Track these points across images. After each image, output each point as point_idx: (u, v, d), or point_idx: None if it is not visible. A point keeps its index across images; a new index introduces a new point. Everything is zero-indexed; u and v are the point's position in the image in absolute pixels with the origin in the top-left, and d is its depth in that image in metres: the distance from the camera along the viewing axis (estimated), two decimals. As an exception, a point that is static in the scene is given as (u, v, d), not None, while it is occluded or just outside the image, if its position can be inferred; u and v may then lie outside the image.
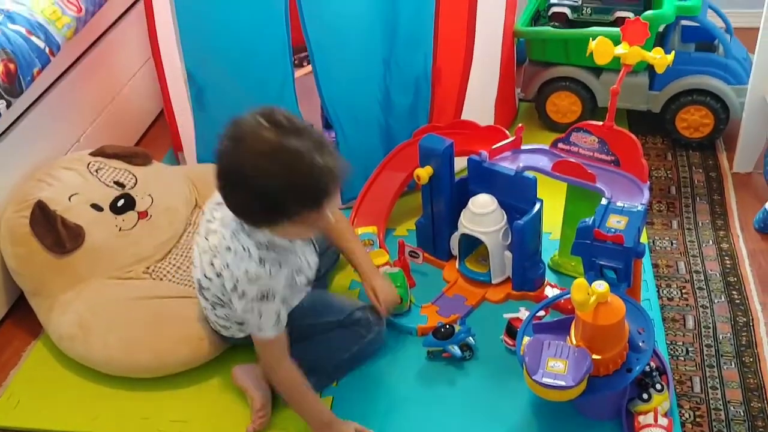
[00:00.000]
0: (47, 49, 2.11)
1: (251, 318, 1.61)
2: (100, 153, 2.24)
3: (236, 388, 1.83)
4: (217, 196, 1.66)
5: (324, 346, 1.79)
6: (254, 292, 1.58)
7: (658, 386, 1.68)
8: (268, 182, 1.45)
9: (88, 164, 2.19)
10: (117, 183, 2.17)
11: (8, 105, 1.97)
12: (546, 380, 1.52)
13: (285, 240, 1.63)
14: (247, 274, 1.58)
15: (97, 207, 2.09)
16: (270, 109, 1.49)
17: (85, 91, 2.48)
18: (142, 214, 2.14)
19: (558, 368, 1.53)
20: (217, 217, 1.67)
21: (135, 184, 2.19)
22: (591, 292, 1.51)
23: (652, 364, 1.72)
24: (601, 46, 1.89)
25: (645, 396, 1.67)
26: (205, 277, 1.71)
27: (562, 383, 1.51)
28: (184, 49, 2.35)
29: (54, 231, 1.99)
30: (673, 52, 1.88)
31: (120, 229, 2.09)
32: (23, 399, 1.88)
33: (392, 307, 1.91)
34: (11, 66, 1.97)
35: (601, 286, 1.53)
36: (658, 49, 1.88)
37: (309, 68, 2.93)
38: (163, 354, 1.85)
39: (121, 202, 2.12)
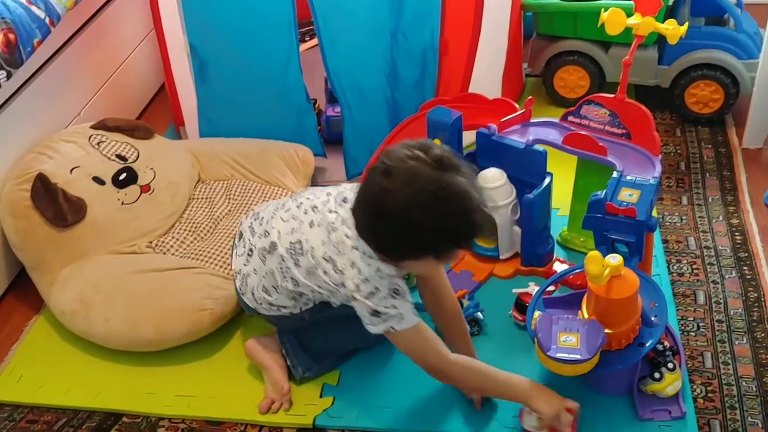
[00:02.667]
0: (47, 20, 2.08)
1: (390, 312, 1.52)
2: (101, 126, 2.21)
3: (244, 361, 1.81)
4: (344, 192, 1.62)
5: (339, 334, 1.74)
6: (386, 286, 1.51)
7: (671, 365, 1.65)
8: (429, 222, 1.41)
9: (90, 137, 2.16)
10: (119, 156, 2.14)
11: (8, 76, 1.93)
12: (560, 355, 1.50)
13: (392, 267, 1.54)
14: (378, 272, 1.51)
15: (98, 180, 2.06)
16: (427, 144, 1.45)
17: (86, 63, 2.45)
18: (145, 188, 2.11)
19: (571, 342, 1.51)
20: (340, 213, 1.58)
21: (137, 157, 2.16)
22: (605, 265, 1.49)
23: (665, 343, 1.70)
24: (614, 17, 1.85)
25: (657, 375, 1.65)
26: (293, 254, 1.62)
27: (577, 356, 1.49)
28: (187, 21, 2.31)
29: (55, 204, 1.96)
30: (686, 24, 1.85)
31: (122, 203, 2.06)
32: (25, 374, 1.86)
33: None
34: (11, 36, 1.93)
35: (614, 259, 1.51)
36: (672, 20, 1.85)
37: (311, 43, 2.92)
38: (165, 327, 1.83)
39: (123, 176, 2.10)
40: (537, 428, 1.62)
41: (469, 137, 2.03)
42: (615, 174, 1.78)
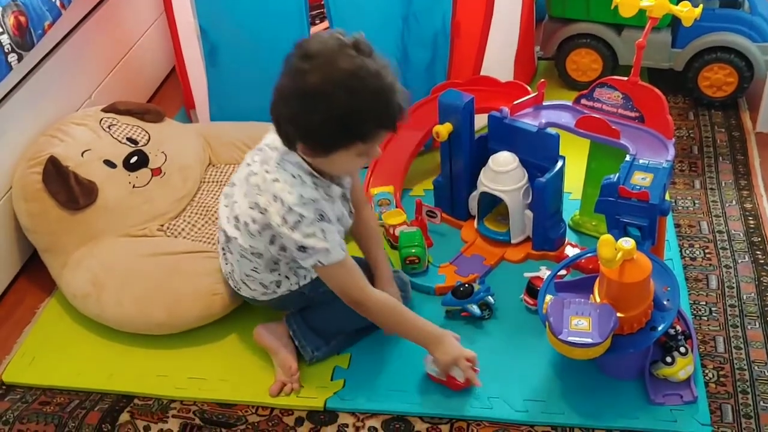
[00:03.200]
0: (58, 2, 2.08)
1: (316, 242, 1.55)
2: (112, 109, 2.21)
3: (256, 345, 1.82)
4: (259, 145, 1.67)
5: (347, 311, 1.75)
6: (312, 213, 1.55)
7: (683, 349, 1.65)
8: (353, 102, 1.44)
9: (101, 120, 2.16)
10: (130, 139, 2.14)
11: (20, 59, 1.93)
12: (572, 339, 1.49)
13: (322, 182, 1.60)
14: (301, 198, 1.54)
15: (110, 163, 2.07)
16: (340, 30, 1.50)
17: (96, 47, 2.44)
18: (156, 171, 2.11)
19: (582, 326, 1.51)
20: (257, 160, 1.64)
21: (148, 141, 2.16)
22: (617, 249, 1.48)
23: (678, 327, 1.69)
24: (627, -1, 1.84)
25: (669, 359, 1.64)
26: (237, 226, 1.66)
27: (589, 340, 1.48)
28: (197, 5, 2.31)
29: (67, 187, 1.96)
30: (700, 6, 1.83)
31: (133, 186, 2.06)
32: (38, 356, 1.87)
33: None
34: (22, 19, 1.93)
35: (627, 242, 1.50)
36: (686, 2, 1.83)
37: (322, 26, 2.90)
38: (177, 310, 1.83)
39: (134, 159, 2.10)
40: (437, 373, 1.69)
41: (481, 120, 2.03)
42: (628, 157, 1.77)
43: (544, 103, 2.00)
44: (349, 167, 1.64)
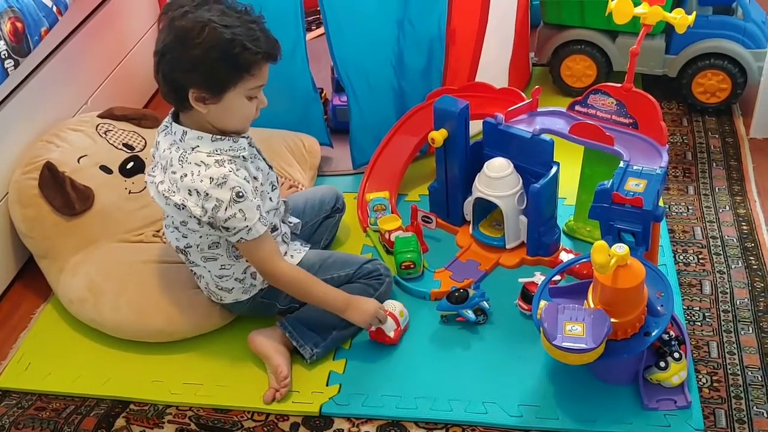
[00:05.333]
0: (55, 8, 2.08)
1: (236, 222, 1.60)
2: (108, 115, 2.22)
3: (251, 351, 1.82)
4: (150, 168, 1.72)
5: None
6: (227, 194, 1.57)
7: (676, 355, 1.66)
8: (227, 30, 1.51)
9: (97, 126, 2.16)
10: (126, 145, 2.14)
11: (16, 65, 1.94)
12: (566, 344, 1.50)
13: (228, 142, 1.63)
14: (212, 180, 1.57)
15: (106, 169, 2.07)
16: None
17: (93, 52, 2.45)
18: (152, 177, 2.12)
19: (576, 331, 1.52)
20: (156, 173, 1.68)
21: (144, 146, 2.17)
22: (611, 255, 1.49)
23: (671, 332, 1.70)
24: (621, 6, 1.85)
25: (662, 364, 1.65)
26: (177, 233, 1.72)
27: (583, 345, 1.49)
28: (193, 9, 2.30)
29: (63, 193, 1.97)
30: (694, 13, 1.84)
31: (129, 192, 2.07)
32: (34, 362, 1.87)
33: None
34: (19, 25, 1.94)
35: (621, 248, 1.51)
36: (679, 9, 1.84)
37: (318, 31, 2.91)
38: (175, 319, 1.84)
39: (130, 165, 2.10)
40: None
41: (475, 126, 2.03)
42: (622, 164, 1.78)
43: (538, 110, 2.00)
44: (244, 112, 1.66)
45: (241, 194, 1.58)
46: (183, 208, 1.61)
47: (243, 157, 1.64)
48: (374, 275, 1.85)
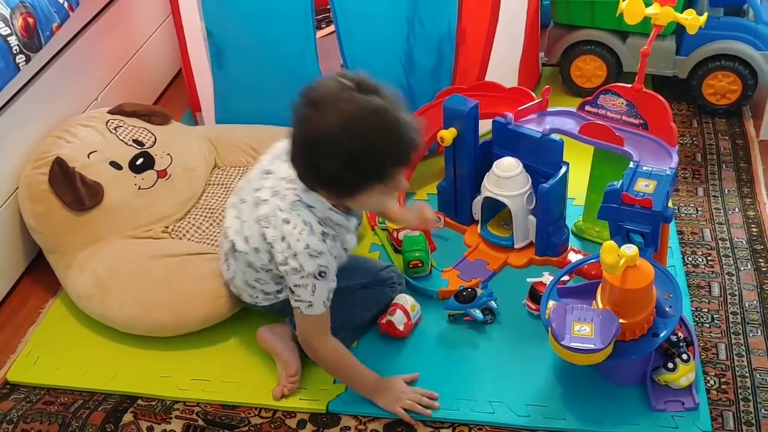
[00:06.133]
0: (66, 4, 2.09)
1: (303, 293, 1.57)
2: (118, 111, 2.22)
3: (259, 346, 1.82)
4: (264, 164, 1.66)
5: (348, 307, 1.76)
6: (313, 267, 1.54)
7: (684, 356, 1.65)
8: (363, 144, 1.42)
9: (107, 122, 2.17)
10: (136, 141, 2.15)
11: (27, 60, 1.94)
12: (574, 344, 1.50)
13: (341, 216, 1.59)
14: (308, 249, 1.53)
15: (116, 165, 2.07)
16: (343, 71, 1.48)
17: (104, 48, 2.45)
18: (162, 174, 2.12)
19: (584, 332, 1.52)
20: (267, 186, 1.62)
21: (154, 143, 2.17)
22: (620, 255, 1.49)
23: (680, 334, 1.70)
24: (632, 6, 1.85)
25: (670, 365, 1.65)
26: (247, 243, 1.67)
27: (591, 346, 1.49)
28: (204, 7, 2.31)
29: (73, 188, 1.97)
30: (705, 14, 1.84)
31: (139, 188, 2.07)
32: (42, 356, 1.88)
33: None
34: (30, 20, 1.94)
35: (630, 249, 1.51)
36: (691, 10, 1.84)
37: (328, 30, 2.92)
38: (181, 312, 1.84)
39: (140, 161, 2.11)
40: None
41: (485, 126, 2.03)
42: (631, 164, 1.78)
43: (548, 110, 2.00)
44: (377, 205, 1.66)
45: (323, 273, 1.56)
46: (267, 244, 1.59)
47: (344, 228, 1.63)
48: (388, 283, 1.85)
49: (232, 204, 1.75)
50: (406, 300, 1.83)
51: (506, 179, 1.93)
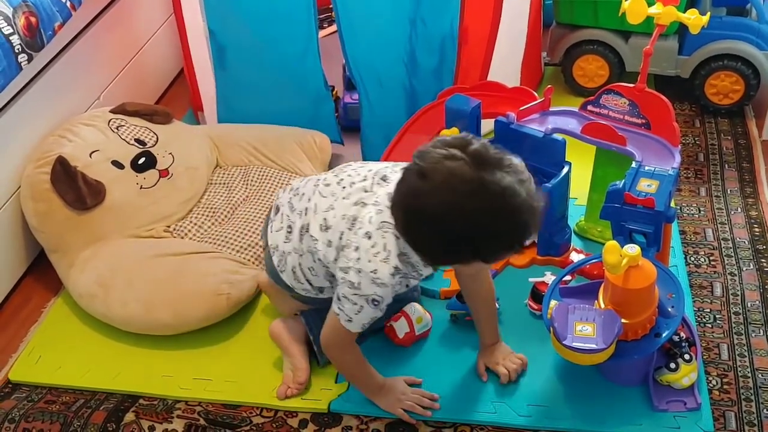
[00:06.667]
0: (68, 3, 2.09)
1: (348, 308, 1.49)
2: (120, 110, 2.22)
3: (261, 345, 1.82)
4: (384, 170, 1.56)
5: None
6: (370, 292, 1.47)
7: (687, 356, 1.65)
8: (469, 227, 1.31)
9: (109, 121, 2.17)
10: (138, 141, 2.15)
11: (29, 59, 1.94)
12: (576, 344, 1.50)
13: (421, 262, 1.48)
14: (374, 274, 1.45)
15: (118, 164, 2.08)
16: (464, 140, 1.34)
17: (105, 48, 2.45)
18: (163, 173, 2.12)
19: (586, 332, 1.51)
20: (378, 194, 1.51)
21: (156, 142, 2.17)
22: (623, 255, 1.49)
23: (682, 334, 1.70)
24: (635, 6, 1.85)
25: (673, 365, 1.64)
26: (324, 231, 1.56)
27: (593, 346, 1.49)
28: (206, 6, 2.31)
29: (75, 187, 1.97)
30: (708, 14, 1.84)
31: (141, 187, 2.07)
32: (44, 355, 1.88)
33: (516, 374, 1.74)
34: (33, 19, 1.94)
35: (632, 249, 1.51)
36: (693, 10, 1.84)
37: (330, 29, 2.92)
38: (182, 311, 1.84)
39: (142, 160, 2.11)
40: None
41: (487, 125, 2.03)
42: (634, 164, 1.78)
43: (550, 109, 2.00)
44: (465, 272, 1.61)
45: (376, 302, 1.48)
46: (339, 249, 1.52)
47: (418, 274, 1.54)
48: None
49: (326, 181, 1.63)
50: (414, 310, 1.81)
51: (508, 179, 1.92)
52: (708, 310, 1.87)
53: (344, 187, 1.59)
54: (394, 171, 1.54)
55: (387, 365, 1.77)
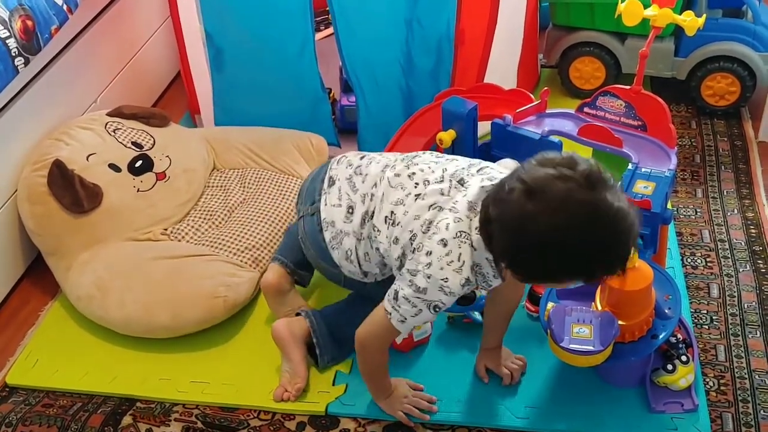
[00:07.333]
0: (65, 7, 2.08)
1: (405, 309, 1.46)
2: (117, 113, 2.22)
3: (258, 348, 1.83)
4: (461, 172, 1.51)
5: (361, 318, 1.76)
6: (434, 298, 1.44)
7: (684, 358, 1.65)
8: (584, 249, 1.26)
9: (106, 124, 2.17)
10: (135, 144, 2.15)
11: (26, 62, 1.94)
12: (573, 346, 1.50)
13: (492, 271, 1.45)
14: (444, 282, 1.42)
15: (115, 167, 2.08)
16: (572, 159, 1.28)
17: (102, 51, 2.45)
18: (160, 176, 2.12)
19: (584, 333, 1.52)
20: (456, 199, 1.46)
21: (153, 145, 2.17)
22: (619, 257, 1.49)
23: (679, 336, 1.70)
24: (631, 8, 1.85)
25: (670, 367, 1.65)
26: (390, 226, 1.53)
27: (590, 348, 1.49)
28: (203, 9, 2.32)
29: (72, 190, 1.97)
30: (704, 15, 1.84)
31: (138, 190, 2.07)
32: (41, 358, 1.88)
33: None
34: (29, 23, 1.94)
35: (629, 251, 1.50)
36: (689, 12, 1.85)
37: (327, 32, 2.92)
38: (180, 313, 1.84)
39: (139, 163, 2.11)
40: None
41: (484, 128, 2.03)
42: (630, 166, 1.78)
43: (547, 111, 2.00)
44: (550, 286, 1.60)
45: (437, 308, 1.45)
46: (411, 251, 1.47)
47: (487, 284, 1.50)
48: None
49: (396, 171, 1.58)
50: None
51: (505, 181, 1.92)
52: (705, 312, 1.87)
53: (417, 184, 1.54)
54: (470, 174, 1.50)
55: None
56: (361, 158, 1.70)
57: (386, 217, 1.55)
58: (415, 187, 1.54)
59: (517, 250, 1.31)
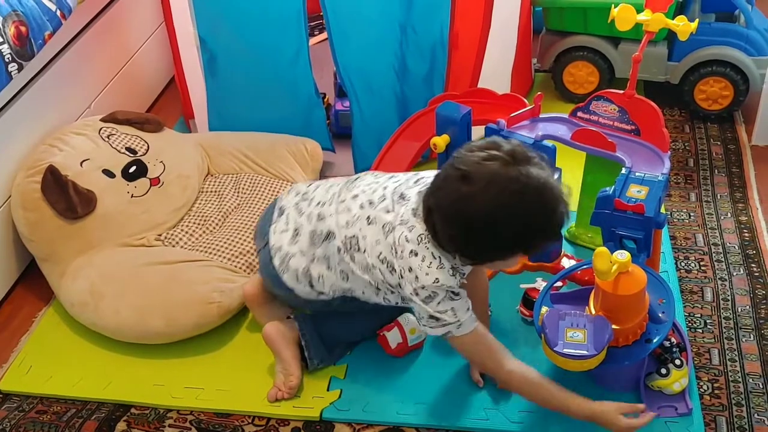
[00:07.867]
0: (59, 12, 2.08)
1: (447, 317, 1.52)
2: (111, 119, 2.22)
3: (252, 354, 1.82)
4: (400, 188, 1.58)
5: (348, 323, 1.76)
6: (444, 293, 1.51)
7: (678, 362, 1.66)
8: (519, 221, 1.39)
9: (100, 130, 2.17)
10: (129, 149, 2.15)
11: (20, 68, 1.94)
12: (567, 351, 1.50)
13: (464, 268, 1.54)
14: (437, 282, 1.49)
15: (108, 173, 2.07)
16: (495, 141, 1.42)
17: (96, 56, 2.45)
18: (154, 181, 2.12)
19: (577, 338, 1.52)
20: (401, 213, 1.54)
21: (147, 150, 2.17)
22: (613, 261, 1.49)
23: (673, 339, 1.70)
24: (624, 13, 1.85)
25: (663, 371, 1.65)
26: (356, 251, 1.59)
27: (584, 352, 1.49)
28: (197, 14, 2.32)
29: (66, 196, 1.97)
30: (696, 20, 1.85)
31: (132, 196, 2.07)
32: (35, 365, 1.87)
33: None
34: (23, 29, 1.94)
35: (622, 255, 1.51)
36: (682, 16, 1.85)
37: (321, 37, 2.92)
38: (174, 319, 1.84)
39: (132, 169, 2.11)
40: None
41: (478, 132, 2.03)
42: (624, 170, 1.78)
43: (540, 116, 2.00)
44: (500, 267, 1.63)
45: (456, 293, 1.52)
46: (398, 276, 1.53)
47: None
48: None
49: (341, 197, 1.65)
50: (408, 320, 1.80)
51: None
52: (698, 315, 1.88)
53: (361, 205, 1.61)
54: (408, 187, 1.58)
55: (376, 373, 1.77)
56: (308, 185, 1.77)
57: (343, 242, 1.61)
58: (361, 208, 1.61)
59: (459, 231, 1.42)
